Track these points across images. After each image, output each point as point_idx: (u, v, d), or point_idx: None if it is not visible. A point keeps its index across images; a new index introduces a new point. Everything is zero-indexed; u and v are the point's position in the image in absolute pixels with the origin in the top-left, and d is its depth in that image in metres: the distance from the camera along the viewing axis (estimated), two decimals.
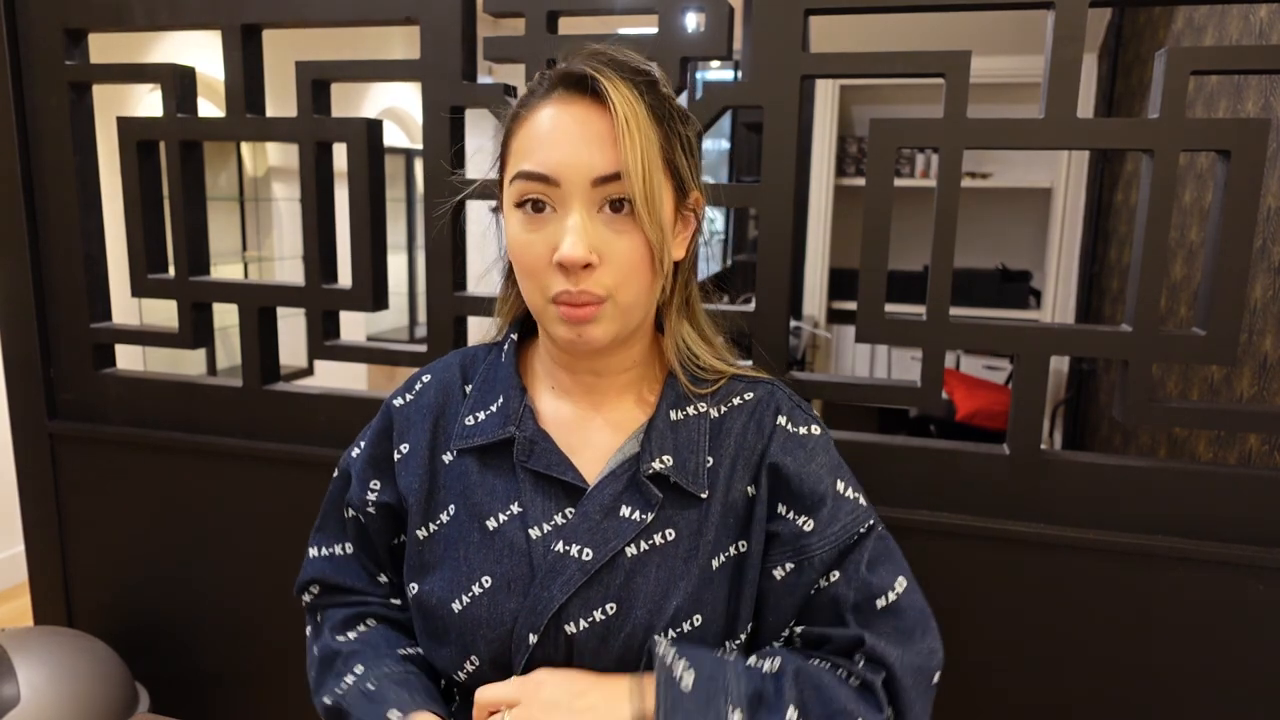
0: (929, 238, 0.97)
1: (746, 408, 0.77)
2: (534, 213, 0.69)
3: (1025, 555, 0.99)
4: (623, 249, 0.68)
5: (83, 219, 1.25)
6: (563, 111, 0.68)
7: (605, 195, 0.67)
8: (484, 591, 0.72)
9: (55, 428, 1.30)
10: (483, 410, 0.78)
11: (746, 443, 0.75)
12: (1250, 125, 0.87)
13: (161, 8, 1.16)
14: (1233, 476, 0.94)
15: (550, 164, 0.67)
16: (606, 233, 0.68)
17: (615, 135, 0.66)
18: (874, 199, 0.98)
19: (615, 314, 0.70)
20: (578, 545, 0.71)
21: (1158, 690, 0.98)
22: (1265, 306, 1.50)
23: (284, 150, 3.81)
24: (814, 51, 0.99)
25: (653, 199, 0.67)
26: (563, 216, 0.68)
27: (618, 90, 0.67)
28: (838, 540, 0.72)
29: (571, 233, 0.67)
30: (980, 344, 0.99)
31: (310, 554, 0.85)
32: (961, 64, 0.93)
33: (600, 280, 0.68)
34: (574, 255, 0.66)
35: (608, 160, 0.67)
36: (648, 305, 0.73)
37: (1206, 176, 1.92)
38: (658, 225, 0.68)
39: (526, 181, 0.68)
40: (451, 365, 0.84)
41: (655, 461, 0.72)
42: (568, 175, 0.67)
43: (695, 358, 0.78)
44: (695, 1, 1.00)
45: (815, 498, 0.73)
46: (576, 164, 0.67)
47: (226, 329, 3.52)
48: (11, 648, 1.15)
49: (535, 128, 0.69)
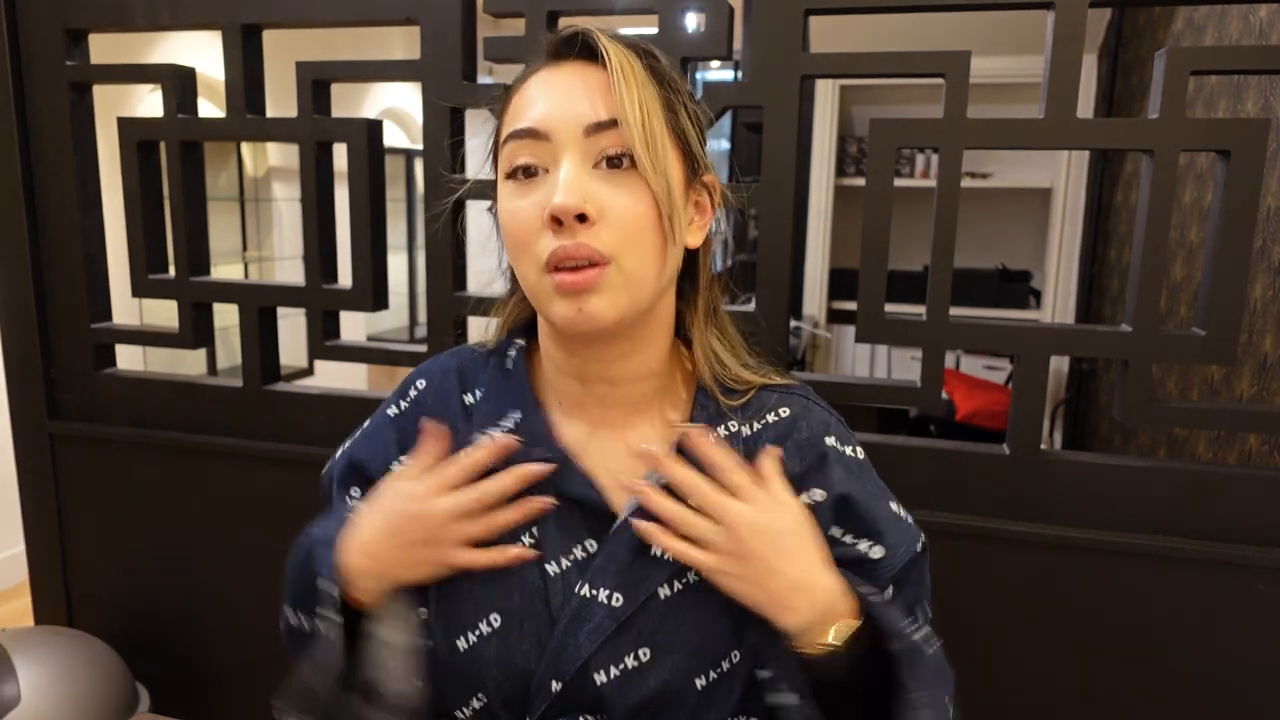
0: (929, 238, 0.97)
1: (782, 426, 0.70)
2: (524, 179, 0.63)
3: (1025, 555, 0.99)
4: (624, 204, 0.61)
5: (83, 219, 1.25)
6: (551, 73, 0.64)
7: (601, 148, 0.61)
8: (493, 631, 0.66)
9: (55, 428, 1.30)
10: (496, 427, 0.70)
11: (784, 463, 0.68)
12: (1250, 125, 0.87)
13: (162, 8, 1.16)
14: (1233, 476, 0.94)
15: (538, 116, 0.62)
16: (605, 188, 0.61)
17: (610, 83, 0.61)
18: (874, 199, 0.98)
19: (620, 282, 0.62)
20: (606, 589, 0.65)
21: (1158, 690, 0.98)
22: (1265, 306, 1.50)
23: (284, 150, 3.81)
24: (814, 51, 0.99)
25: (654, 145, 0.61)
26: (553, 174, 0.62)
27: (611, 43, 0.62)
28: (900, 563, 0.69)
29: (564, 181, 0.60)
30: (980, 344, 0.99)
31: None
32: (961, 64, 0.93)
33: (599, 236, 0.61)
34: (565, 202, 0.59)
35: (601, 107, 0.61)
36: (658, 280, 0.64)
37: (1206, 176, 1.92)
38: (662, 175, 0.61)
39: (515, 142, 0.63)
40: (448, 371, 0.77)
41: None
42: (557, 126, 0.61)
43: (724, 368, 0.71)
44: (695, 1, 1.00)
45: (880, 525, 0.69)
46: (566, 113, 0.61)
47: (227, 329, 3.51)
48: (12, 647, 1.15)
49: (525, 92, 0.64)
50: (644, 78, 0.62)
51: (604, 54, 0.61)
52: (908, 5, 0.95)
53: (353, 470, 0.75)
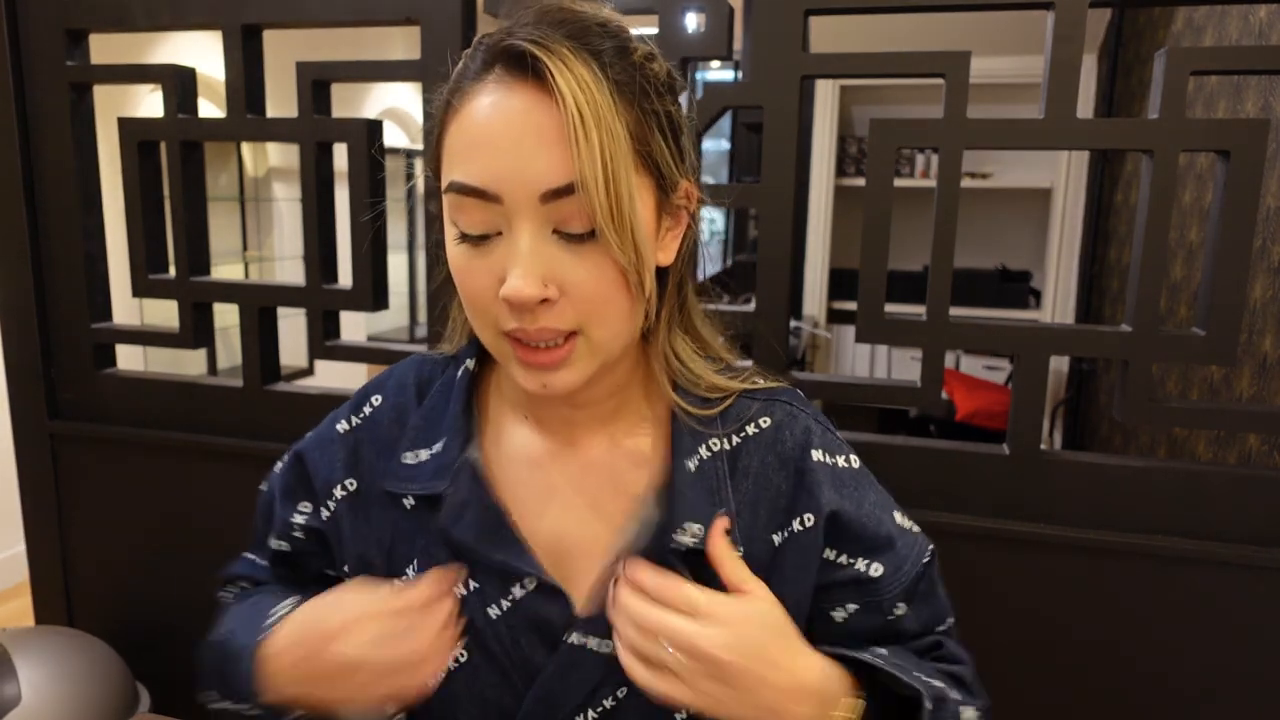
0: (929, 238, 0.97)
1: (764, 438, 0.65)
2: (475, 243, 0.55)
3: (1025, 555, 0.99)
4: (587, 277, 0.54)
5: (83, 219, 1.25)
6: (502, 102, 0.53)
7: (560, 216, 0.53)
8: (459, 667, 0.63)
9: (56, 427, 1.30)
10: (426, 448, 0.65)
11: (769, 483, 0.63)
12: (1250, 125, 0.87)
13: (162, 8, 1.16)
14: (1233, 476, 0.94)
15: (488, 175, 0.53)
16: (565, 257, 0.54)
17: (567, 135, 0.51)
18: (874, 199, 0.98)
19: (588, 352, 0.57)
20: (597, 637, 0.60)
21: (1157, 690, 0.98)
22: (1265, 306, 1.50)
23: (284, 150, 3.81)
24: (814, 51, 0.99)
25: (621, 213, 0.52)
26: (509, 239, 0.54)
27: (569, 73, 0.51)
28: (906, 579, 0.65)
29: (519, 262, 0.53)
30: (980, 344, 0.99)
31: (245, 556, 0.78)
32: (961, 64, 0.94)
33: (563, 315, 0.55)
34: (521, 294, 0.52)
35: (559, 168, 0.52)
36: (629, 335, 0.59)
37: (1206, 176, 1.92)
38: (630, 245, 0.53)
39: (459, 197, 0.54)
40: (406, 384, 0.70)
41: (685, 535, 0.60)
42: (510, 190, 0.52)
43: (693, 376, 0.64)
44: (695, 1, 1.00)
45: (879, 540, 0.64)
46: (518, 173, 0.52)
47: (227, 329, 3.52)
48: (12, 647, 1.15)
49: (469, 123, 0.54)
50: (609, 112, 0.52)
51: (558, 95, 0.51)
52: (908, 5, 0.95)
53: (301, 483, 0.71)
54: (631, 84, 0.55)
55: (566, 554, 0.64)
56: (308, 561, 0.73)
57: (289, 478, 0.72)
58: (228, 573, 0.78)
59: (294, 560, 0.73)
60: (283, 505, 0.72)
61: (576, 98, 0.51)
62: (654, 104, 0.56)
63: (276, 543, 0.73)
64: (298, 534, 0.71)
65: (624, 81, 0.54)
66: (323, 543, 0.71)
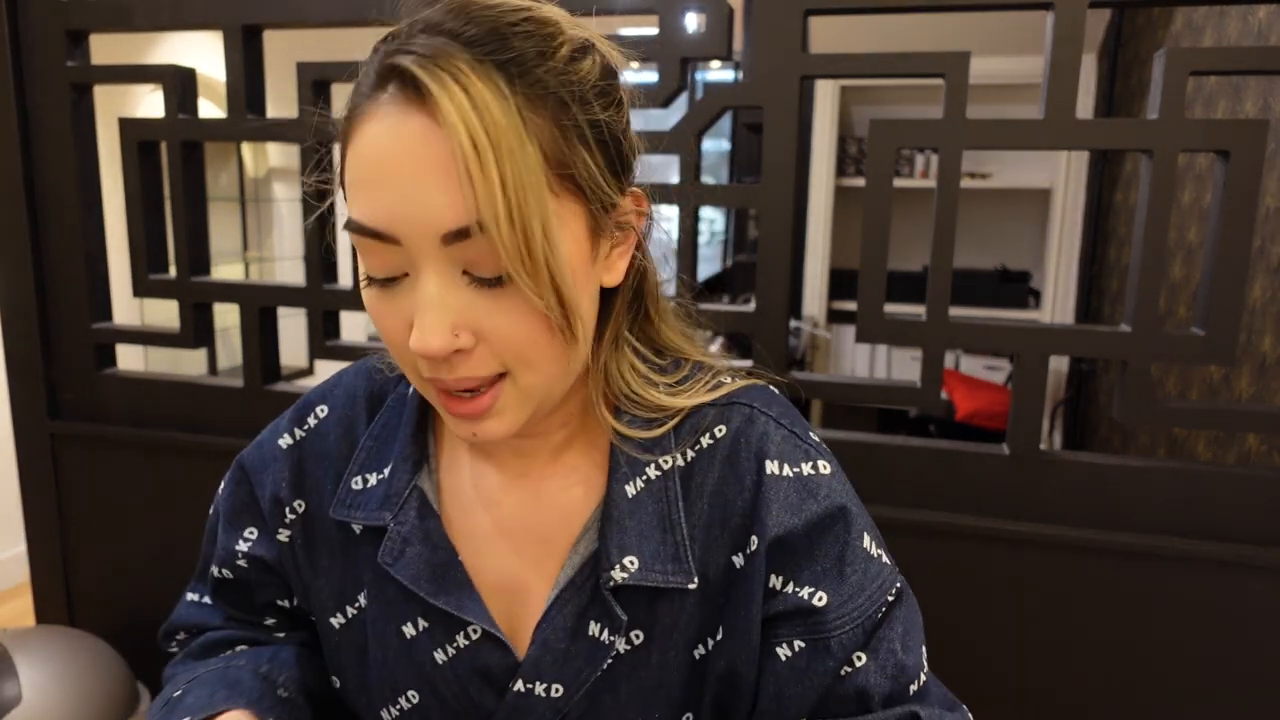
0: (929, 238, 0.97)
1: (719, 450, 0.58)
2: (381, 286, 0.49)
3: (1025, 555, 0.99)
4: (504, 323, 0.48)
5: (84, 219, 1.25)
6: (394, 129, 0.46)
7: (467, 255, 0.46)
8: (413, 707, 0.60)
9: (56, 428, 1.30)
10: (374, 473, 0.61)
11: (724, 500, 0.57)
12: (1249, 126, 0.88)
13: (162, 9, 1.16)
14: (1232, 476, 0.94)
15: (382, 215, 0.46)
16: (479, 302, 0.48)
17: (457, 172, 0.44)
18: (874, 199, 0.98)
19: (517, 399, 0.51)
20: (543, 683, 0.56)
21: (1157, 689, 0.98)
22: (1264, 306, 1.50)
23: (284, 150, 3.81)
24: (814, 52, 0.99)
25: (533, 254, 0.45)
26: (414, 282, 0.48)
27: (463, 95, 0.44)
28: (862, 616, 0.55)
29: (424, 311, 0.47)
30: (980, 344, 0.99)
31: (186, 597, 0.71)
32: (961, 65, 0.94)
33: (482, 362, 0.49)
34: (428, 347, 0.47)
35: (459, 207, 0.45)
36: (564, 376, 0.53)
37: (1206, 177, 1.92)
38: (548, 289, 0.47)
39: (360, 237, 0.48)
40: (355, 397, 0.64)
41: (616, 570, 0.54)
42: (407, 231, 0.46)
43: (637, 397, 0.58)
44: (695, 2, 1.00)
45: (828, 561, 0.55)
46: (417, 215, 0.46)
47: (227, 329, 3.52)
48: (13, 647, 1.15)
49: (362, 153, 0.48)
50: (512, 136, 0.45)
51: (445, 124, 0.44)
52: (908, 5, 0.95)
53: (248, 506, 0.65)
54: (548, 96, 0.47)
55: (513, 594, 0.60)
56: (255, 592, 0.67)
57: (235, 499, 0.66)
58: (170, 623, 0.70)
59: (240, 590, 0.67)
60: (226, 530, 0.65)
61: (471, 126, 0.43)
62: (577, 115, 0.48)
63: (220, 571, 0.66)
64: (242, 563, 0.65)
65: (539, 95, 0.47)
66: (270, 572, 0.65)
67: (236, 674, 0.61)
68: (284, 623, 0.68)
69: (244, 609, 0.68)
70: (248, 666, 0.62)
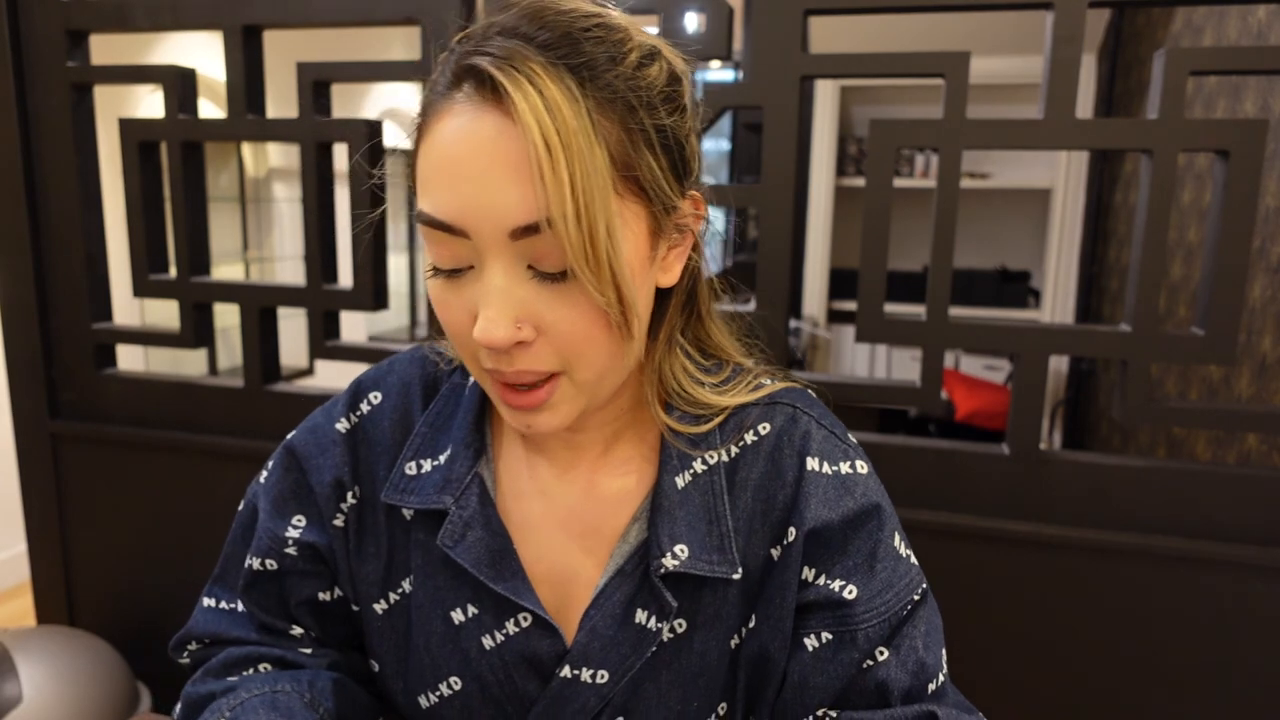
0: (929, 238, 0.97)
1: (764, 447, 0.60)
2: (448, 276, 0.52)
3: (1024, 555, 0.99)
4: (565, 317, 0.50)
5: (84, 219, 1.25)
6: (468, 126, 0.48)
7: (533, 256, 0.49)
8: (454, 694, 0.60)
9: (57, 428, 1.30)
10: (429, 459, 0.61)
11: (767, 494, 0.59)
12: (1248, 125, 0.88)
13: (163, 9, 1.16)
14: (1232, 476, 0.94)
15: (454, 209, 0.49)
16: (542, 296, 0.50)
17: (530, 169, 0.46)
18: (874, 199, 0.98)
19: (574, 393, 0.53)
20: (590, 669, 0.57)
21: (1157, 689, 0.98)
22: (1264, 306, 1.50)
23: (284, 150, 3.82)
24: (814, 52, 0.99)
25: (597, 252, 0.47)
26: (480, 275, 0.50)
27: (537, 96, 0.46)
28: (889, 611, 0.57)
29: (489, 303, 0.49)
30: (980, 344, 0.99)
31: (203, 603, 0.68)
32: (961, 65, 0.94)
33: (541, 357, 0.51)
34: (492, 338, 0.49)
35: (528, 203, 0.47)
36: (619, 372, 0.55)
37: (1205, 176, 1.92)
38: (610, 286, 0.49)
39: (429, 229, 0.50)
40: (409, 384, 0.66)
41: (667, 557, 0.56)
42: (477, 225, 0.48)
43: (688, 395, 0.61)
44: (695, 1, 1.00)
45: (860, 556, 0.57)
46: (488, 210, 0.48)
47: (227, 329, 3.53)
48: (14, 647, 1.15)
49: (436, 148, 0.50)
50: (582, 137, 0.47)
51: (520, 122, 0.46)
52: (908, 5, 0.95)
53: (298, 492, 0.64)
54: (617, 100, 0.49)
55: (561, 583, 0.61)
56: (296, 584, 0.65)
57: (284, 485, 0.65)
58: (186, 631, 0.68)
59: (277, 584, 0.65)
60: (273, 517, 0.64)
61: (544, 126, 0.46)
62: (644, 120, 0.50)
63: (260, 562, 0.64)
64: (291, 550, 0.63)
65: (608, 99, 0.49)
66: (319, 560, 0.64)
67: (288, 702, 0.60)
68: (312, 632, 0.67)
69: (276, 612, 0.66)
70: (295, 693, 0.61)
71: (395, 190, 4.39)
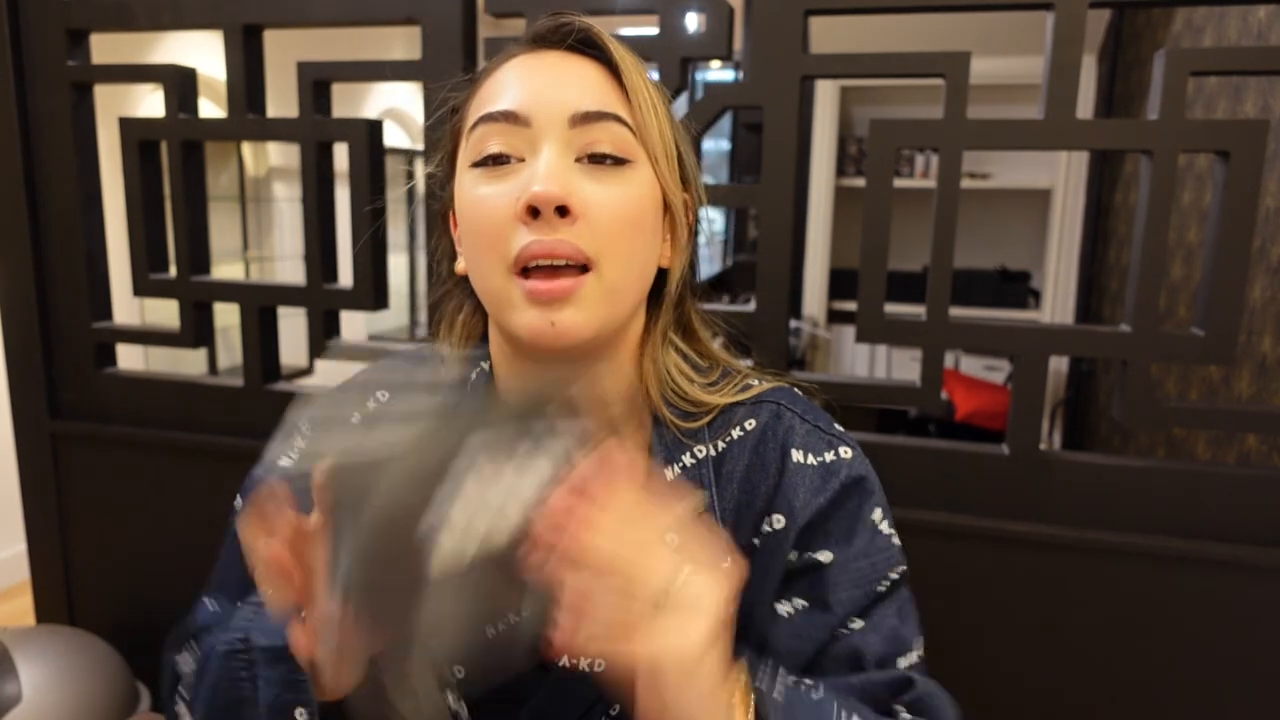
0: (929, 238, 0.97)
1: (749, 442, 0.63)
2: (494, 166, 0.56)
3: (1024, 555, 0.99)
4: (607, 201, 0.55)
5: (84, 218, 1.25)
6: (532, 58, 0.58)
7: (587, 142, 0.56)
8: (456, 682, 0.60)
9: (56, 427, 1.30)
10: None
11: (751, 485, 0.62)
12: (1249, 126, 0.88)
13: (163, 8, 1.16)
14: (1232, 476, 0.94)
15: (516, 99, 0.56)
16: (587, 182, 0.55)
17: (602, 77, 0.57)
18: (874, 199, 0.98)
19: (600, 294, 0.56)
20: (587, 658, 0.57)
21: (1157, 690, 0.98)
22: (1264, 307, 1.50)
23: (284, 150, 3.82)
24: (814, 52, 0.99)
25: (666, 140, 0.58)
26: (531, 162, 0.56)
27: (611, 39, 0.58)
28: (864, 581, 0.59)
29: (544, 167, 0.54)
30: (980, 344, 0.99)
31: (205, 603, 0.70)
32: (961, 65, 0.94)
33: (581, 234, 0.55)
34: (547, 190, 0.53)
35: (594, 95, 0.56)
36: (639, 291, 0.60)
37: (1206, 177, 1.92)
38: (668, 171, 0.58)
39: (486, 126, 0.56)
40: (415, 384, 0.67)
41: None
42: (538, 111, 0.55)
43: (681, 391, 0.64)
44: (695, 2, 1.00)
45: (840, 525, 0.60)
46: (550, 99, 0.55)
47: (227, 329, 3.52)
48: (13, 646, 1.15)
49: (496, 80, 0.58)
50: (647, 78, 0.59)
51: (605, 47, 0.57)
52: (908, 5, 0.95)
53: None
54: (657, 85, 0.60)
55: None
56: None
57: None
58: (183, 630, 0.66)
59: None
60: None
61: (623, 52, 0.57)
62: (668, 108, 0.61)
63: None
64: None
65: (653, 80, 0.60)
66: None
67: None
68: None
69: None
70: None
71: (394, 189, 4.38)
